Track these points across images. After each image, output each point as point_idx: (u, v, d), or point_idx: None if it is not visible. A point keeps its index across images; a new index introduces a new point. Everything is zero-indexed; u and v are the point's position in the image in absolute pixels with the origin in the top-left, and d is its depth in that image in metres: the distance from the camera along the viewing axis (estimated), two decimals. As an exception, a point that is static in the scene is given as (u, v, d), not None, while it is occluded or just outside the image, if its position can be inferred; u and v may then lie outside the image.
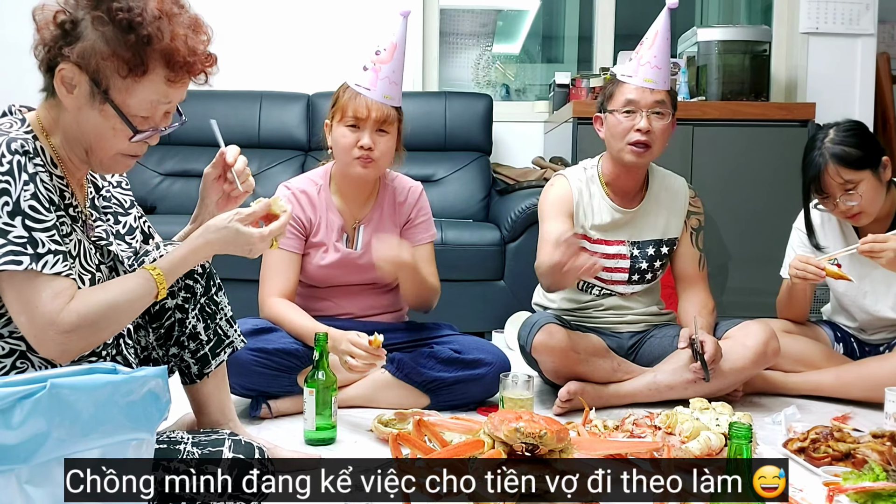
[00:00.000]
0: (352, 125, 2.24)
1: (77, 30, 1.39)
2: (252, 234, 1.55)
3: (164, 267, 1.51)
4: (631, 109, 2.34)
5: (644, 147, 2.34)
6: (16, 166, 1.36)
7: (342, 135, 2.26)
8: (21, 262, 1.35)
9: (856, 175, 2.31)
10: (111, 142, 1.45)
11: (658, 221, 2.48)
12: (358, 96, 2.23)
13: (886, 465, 1.73)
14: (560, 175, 2.52)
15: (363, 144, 2.23)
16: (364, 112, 2.22)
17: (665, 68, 2.35)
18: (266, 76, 4.12)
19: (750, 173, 3.60)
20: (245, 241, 1.55)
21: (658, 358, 2.41)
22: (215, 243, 1.55)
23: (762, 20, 4.52)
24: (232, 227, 1.54)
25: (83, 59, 1.38)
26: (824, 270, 2.31)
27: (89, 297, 1.42)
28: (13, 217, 1.36)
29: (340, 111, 2.26)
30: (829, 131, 2.37)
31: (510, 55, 4.93)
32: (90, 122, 1.43)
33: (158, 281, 1.49)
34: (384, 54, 2.25)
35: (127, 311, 1.47)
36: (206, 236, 1.54)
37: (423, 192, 2.45)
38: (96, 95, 1.40)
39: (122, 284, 1.47)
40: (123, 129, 1.43)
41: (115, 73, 1.39)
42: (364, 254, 2.35)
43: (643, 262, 2.47)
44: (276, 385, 2.21)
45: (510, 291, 3.34)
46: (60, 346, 1.39)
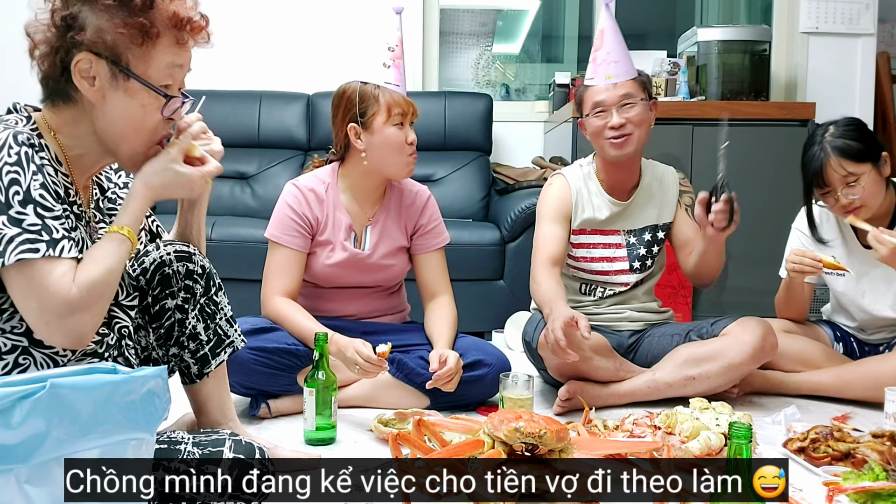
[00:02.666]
0: (399, 123, 2.26)
1: (78, 21, 1.41)
2: (189, 172, 1.54)
3: (128, 222, 1.49)
4: (601, 110, 2.39)
5: (622, 138, 2.38)
6: (23, 157, 1.37)
7: (394, 134, 2.26)
8: (38, 249, 1.35)
9: (858, 167, 2.32)
10: (143, 121, 1.46)
11: (651, 210, 2.53)
12: (392, 92, 2.26)
13: (886, 465, 1.73)
14: (559, 174, 2.55)
15: (412, 141, 2.28)
16: (408, 107, 2.27)
17: (623, 59, 2.40)
18: (266, 76, 4.12)
19: (750, 173, 3.60)
20: (186, 181, 1.54)
21: (657, 357, 2.42)
22: (157, 187, 1.53)
23: (762, 20, 4.52)
24: (169, 168, 1.52)
25: (98, 38, 1.40)
26: (821, 262, 2.32)
27: (85, 271, 1.41)
28: (25, 205, 1.36)
29: (386, 110, 2.25)
30: (828, 127, 2.39)
31: (510, 55, 4.94)
32: (117, 108, 1.44)
33: (129, 235, 1.48)
34: (398, 50, 2.29)
35: (117, 272, 1.46)
36: (146, 182, 1.52)
37: (431, 196, 2.46)
38: (118, 75, 1.42)
39: (106, 251, 1.46)
40: (153, 102, 1.45)
41: (132, 43, 1.42)
42: (371, 255, 2.35)
43: (641, 248, 2.51)
44: (276, 384, 2.21)
45: (510, 291, 3.35)
46: (74, 327, 1.38)
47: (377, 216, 2.38)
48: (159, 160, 1.53)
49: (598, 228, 2.49)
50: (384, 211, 2.39)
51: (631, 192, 2.52)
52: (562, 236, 2.45)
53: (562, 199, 2.48)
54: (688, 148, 3.58)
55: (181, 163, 1.54)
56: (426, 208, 2.41)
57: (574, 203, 2.48)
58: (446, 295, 2.40)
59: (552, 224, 2.45)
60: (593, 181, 2.51)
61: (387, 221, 2.38)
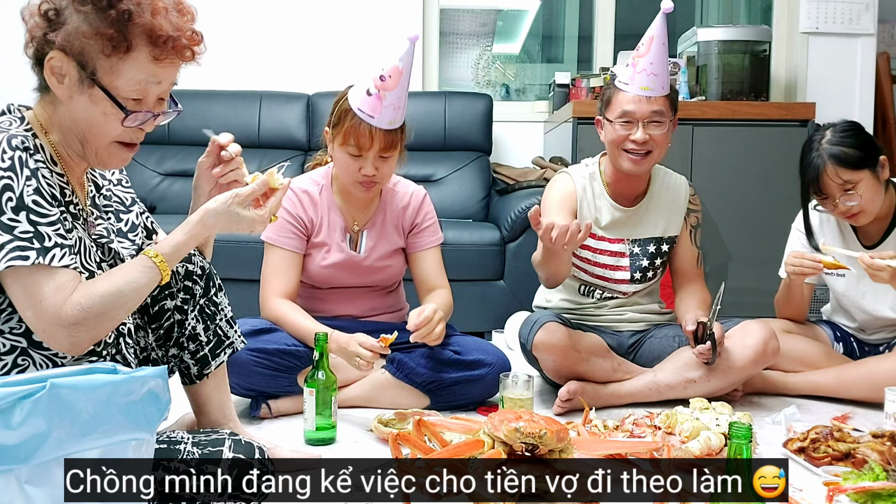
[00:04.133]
0: (355, 154, 2.20)
1: (61, 17, 1.39)
2: (252, 216, 1.55)
3: (165, 251, 1.49)
4: (628, 120, 2.32)
5: (642, 156, 2.34)
6: (17, 162, 1.36)
7: (344, 160, 2.23)
8: (28, 256, 1.35)
9: (854, 175, 2.31)
10: (103, 128, 1.43)
11: (658, 220, 2.49)
12: (361, 124, 2.16)
13: (886, 465, 1.73)
14: (564, 172, 2.52)
15: (367, 174, 2.21)
16: (367, 143, 2.17)
17: (662, 73, 2.31)
18: (266, 76, 4.12)
19: (750, 173, 3.60)
20: (246, 224, 1.55)
21: (658, 357, 2.41)
22: (215, 227, 1.54)
23: (762, 20, 4.52)
24: (232, 212, 1.53)
25: (67, 43, 1.38)
26: (821, 262, 2.31)
27: (92, 288, 1.41)
28: (17, 212, 1.35)
29: (343, 136, 2.19)
30: (825, 132, 2.37)
31: (510, 55, 4.93)
32: (81, 111, 1.42)
33: (161, 267, 1.47)
34: (389, 81, 2.15)
35: (132, 298, 1.46)
36: (204, 221, 1.53)
37: (427, 195, 2.44)
38: (84, 80, 1.40)
39: (125, 273, 1.46)
40: (114, 113, 1.42)
41: (100, 53, 1.38)
42: (366, 258, 2.35)
43: (644, 259, 2.48)
44: (276, 385, 2.21)
45: (510, 291, 3.34)
46: (69, 339, 1.39)
47: (373, 219, 2.37)
48: (225, 200, 1.52)
49: (603, 235, 2.45)
50: (380, 213, 2.38)
51: (637, 200, 2.48)
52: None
53: (568, 195, 2.44)
54: (688, 148, 3.58)
55: (246, 206, 1.54)
56: (421, 207, 2.41)
57: (578, 202, 2.45)
58: (444, 289, 2.39)
59: (558, 214, 2.36)
60: (598, 183, 2.47)
61: (384, 224, 2.38)
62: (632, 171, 2.37)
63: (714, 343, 2.22)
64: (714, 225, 3.47)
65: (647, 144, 2.32)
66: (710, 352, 2.24)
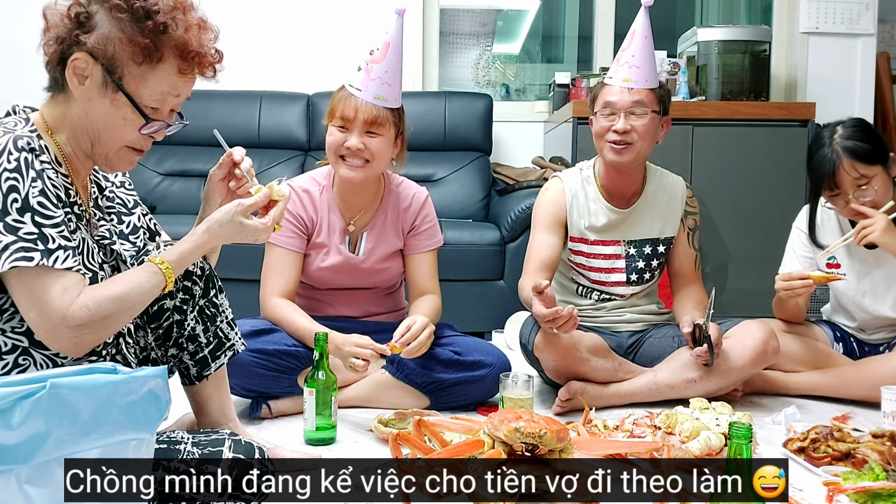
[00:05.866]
0: (340, 126, 2.22)
1: (92, 21, 1.42)
2: (256, 226, 1.58)
3: (171, 259, 1.53)
4: (610, 112, 2.36)
5: (623, 145, 2.35)
6: (23, 163, 1.37)
7: (330, 134, 2.24)
8: (32, 258, 1.36)
9: (870, 169, 2.31)
10: (120, 132, 1.46)
11: (654, 221, 2.49)
12: (349, 97, 2.20)
13: (886, 465, 1.73)
14: (556, 177, 2.54)
15: (350, 146, 2.20)
16: (352, 113, 2.19)
17: (645, 66, 2.35)
18: (266, 76, 4.12)
19: (750, 173, 3.60)
20: (250, 234, 1.58)
21: (658, 358, 2.41)
22: (220, 237, 1.57)
23: (762, 20, 4.52)
24: (236, 221, 1.56)
25: (100, 45, 1.41)
26: (809, 278, 2.31)
27: (98, 291, 1.43)
28: (23, 213, 1.36)
29: (331, 112, 2.24)
30: (836, 128, 2.37)
31: (510, 55, 4.93)
32: (100, 113, 1.45)
33: (167, 274, 1.50)
34: (377, 54, 2.21)
35: (137, 303, 1.48)
36: (210, 231, 1.56)
37: (429, 197, 2.43)
38: (109, 84, 1.43)
39: (131, 278, 1.49)
40: (134, 119, 1.45)
41: (131, 60, 1.42)
42: (365, 260, 2.34)
43: (640, 261, 2.48)
44: (277, 386, 2.21)
45: (510, 291, 3.34)
46: (73, 341, 1.40)
47: (373, 221, 2.36)
48: (230, 210, 1.56)
49: (598, 239, 2.46)
50: (381, 215, 2.37)
51: (632, 200, 2.48)
52: (555, 244, 2.42)
53: (556, 204, 2.46)
54: (688, 148, 3.58)
55: (249, 215, 1.57)
56: (422, 209, 2.40)
57: (569, 208, 2.45)
58: (434, 294, 2.38)
59: (545, 233, 2.43)
60: (592, 186, 2.48)
61: (383, 227, 2.37)
62: (614, 162, 2.38)
63: (711, 345, 2.23)
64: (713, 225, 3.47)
65: (628, 135, 2.34)
66: (707, 354, 2.24)
